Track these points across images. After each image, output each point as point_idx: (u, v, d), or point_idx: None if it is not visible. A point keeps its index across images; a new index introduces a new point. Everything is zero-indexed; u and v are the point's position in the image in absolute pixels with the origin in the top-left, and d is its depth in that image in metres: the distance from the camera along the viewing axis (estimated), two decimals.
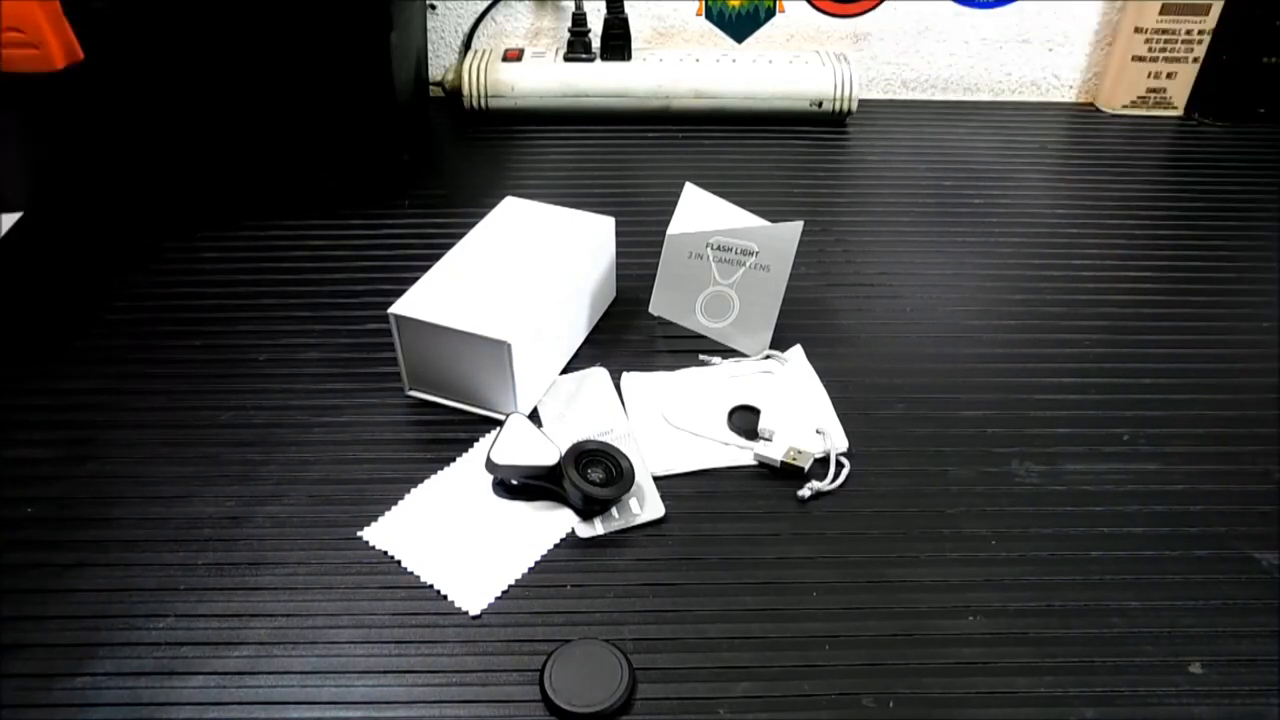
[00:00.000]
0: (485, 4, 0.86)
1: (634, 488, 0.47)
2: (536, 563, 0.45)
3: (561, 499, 0.48)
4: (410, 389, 0.54)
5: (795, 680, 0.40)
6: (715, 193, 0.59)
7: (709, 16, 0.85)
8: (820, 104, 0.82)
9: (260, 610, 0.43)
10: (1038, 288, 0.64)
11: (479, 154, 0.79)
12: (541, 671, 0.40)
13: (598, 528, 0.47)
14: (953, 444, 0.52)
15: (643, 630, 0.42)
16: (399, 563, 0.45)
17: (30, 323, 0.60)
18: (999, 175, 0.77)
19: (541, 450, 0.47)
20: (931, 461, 0.51)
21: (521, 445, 0.47)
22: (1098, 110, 0.89)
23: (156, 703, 0.39)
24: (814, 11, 0.86)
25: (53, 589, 0.43)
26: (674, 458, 0.50)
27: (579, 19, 0.81)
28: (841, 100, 0.82)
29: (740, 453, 0.51)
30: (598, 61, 0.82)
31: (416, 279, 0.53)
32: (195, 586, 0.44)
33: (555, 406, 0.54)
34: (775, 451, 0.50)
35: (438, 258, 0.55)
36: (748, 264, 0.55)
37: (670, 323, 0.58)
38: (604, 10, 0.81)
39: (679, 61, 0.82)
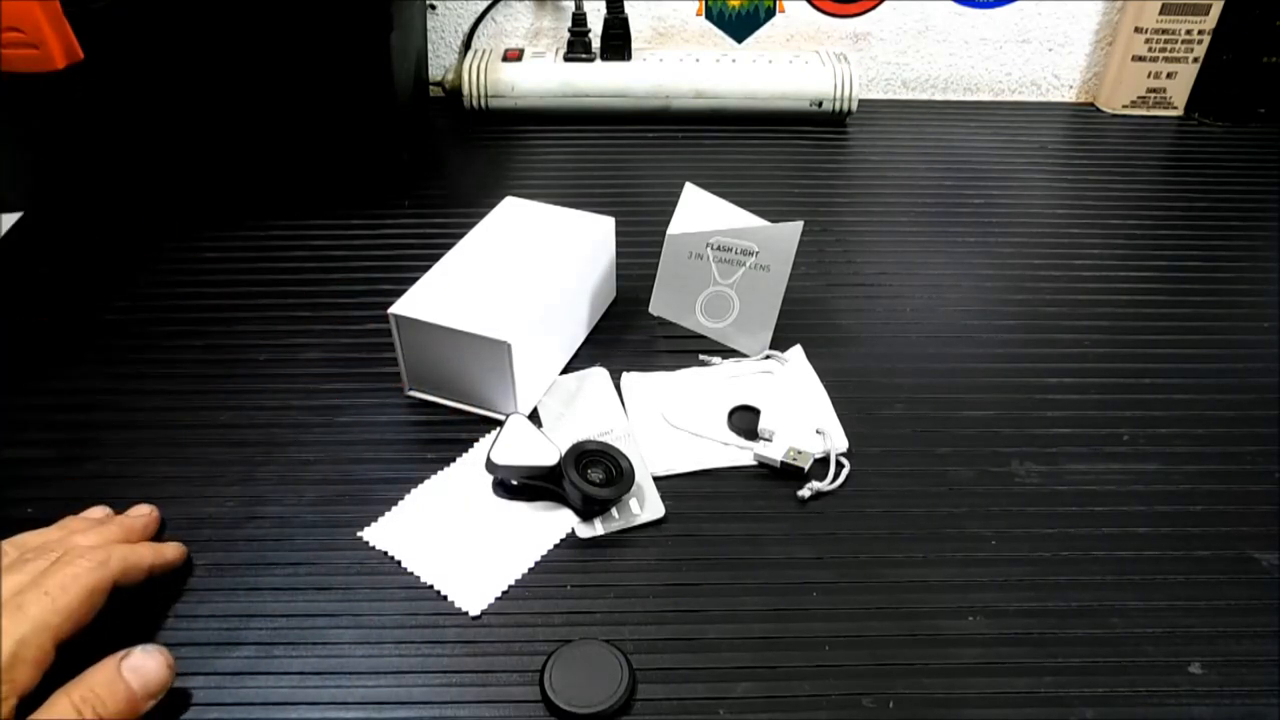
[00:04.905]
0: (485, 4, 0.86)
1: (634, 488, 0.48)
2: (536, 563, 0.45)
3: (561, 499, 0.48)
4: (410, 389, 0.54)
5: (795, 681, 0.40)
6: (715, 193, 0.59)
7: (709, 16, 0.85)
8: (820, 104, 0.82)
9: (260, 610, 0.43)
10: (1038, 288, 0.64)
11: (479, 154, 0.79)
12: (541, 672, 0.40)
13: (598, 528, 0.47)
14: (953, 444, 0.52)
15: (643, 631, 0.42)
16: (399, 563, 0.45)
17: (30, 322, 0.60)
18: (999, 175, 0.77)
19: (541, 450, 0.47)
20: (931, 461, 0.51)
21: (521, 445, 0.47)
22: (1098, 110, 0.89)
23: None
24: (814, 11, 0.86)
25: None
26: (674, 458, 0.50)
27: (579, 19, 0.81)
28: (841, 100, 0.82)
29: (740, 453, 0.51)
30: (598, 61, 0.82)
31: (416, 279, 0.53)
32: (195, 587, 0.44)
33: (555, 406, 0.54)
34: (775, 451, 0.50)
35: (438, 258, 0.55)
36: (748, 264, 0.55)
37: (670, 323, 0.58)
38: (604, 10, 0.81)
39: (679, 61, 0.82)
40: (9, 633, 0.35)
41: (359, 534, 0.46)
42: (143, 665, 0.37)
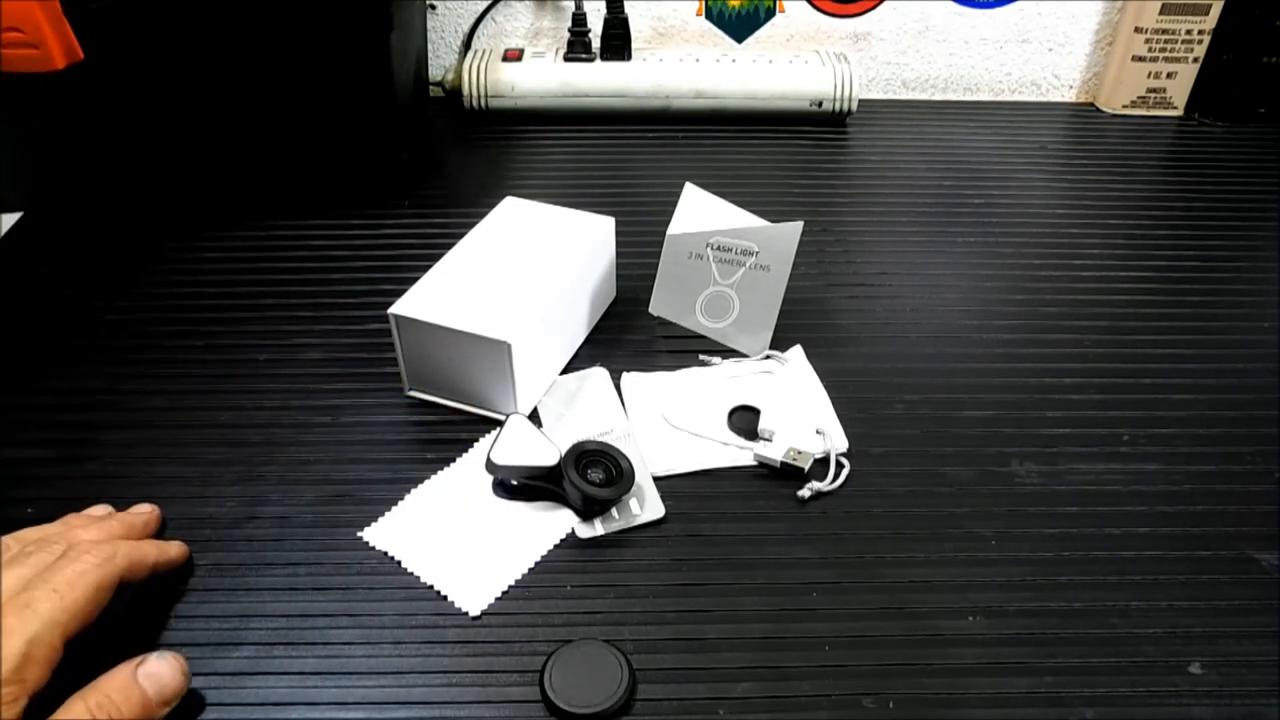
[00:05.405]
0: (485, 4, 0.86)
1: (634, 488, 0.48)
2: (536, 563, 0.45)
3: (561, 499, 0.48)
4: (410, 389, 0.54)
5: (795, 681, 0.40)
6: (715, 193, 0.59)
7: (709, 16, 0.85)
8: (820, 104, 0.82)
9: (260, 611, 0.43)
10: (1038, 288, 0.64)
11: (479, 154, 0.79)
12: (541, 672, 0.40)
13: (598, 528, 0.47)
14: (953, 444, 0.52)
15: (642, 631, 0.42)
16: (399, 563, 0.45)
17: (30, 322, 0.60)
18: (999, 175, 0.77)
19: (541, 451, 0.47)
20: (931, 461, 0.51)
21: (521, 445, 0.47)
22: (1098, 110, 0.89)
23: None
24: (814, 11, 0.86)
25: None
26: (674, 458, 0.50)
27: (579, 19, 0.81)
28: (841, 100, 0.82)
29: (740, 453, 0.51)
30: (598, 61, 0.82)
31: (417, 279, 0.53)
32: (195, 587, 0.44)
33: (555, 406, 0.54)
34: (775, 452, 0.50)
35: (438, 258, 0.55)
36: (748, 264, 0.55)
37: (670, 323, 0.58)
38: (604, 10, 0.81)
39: (679, 61, 0.82)
40: (20, 632, 0.35)
41: (359, 534, 0.46)
42: (158, 671, 0.37)
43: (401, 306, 0.51)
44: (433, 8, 0.86)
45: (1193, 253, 0.68)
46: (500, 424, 0.48)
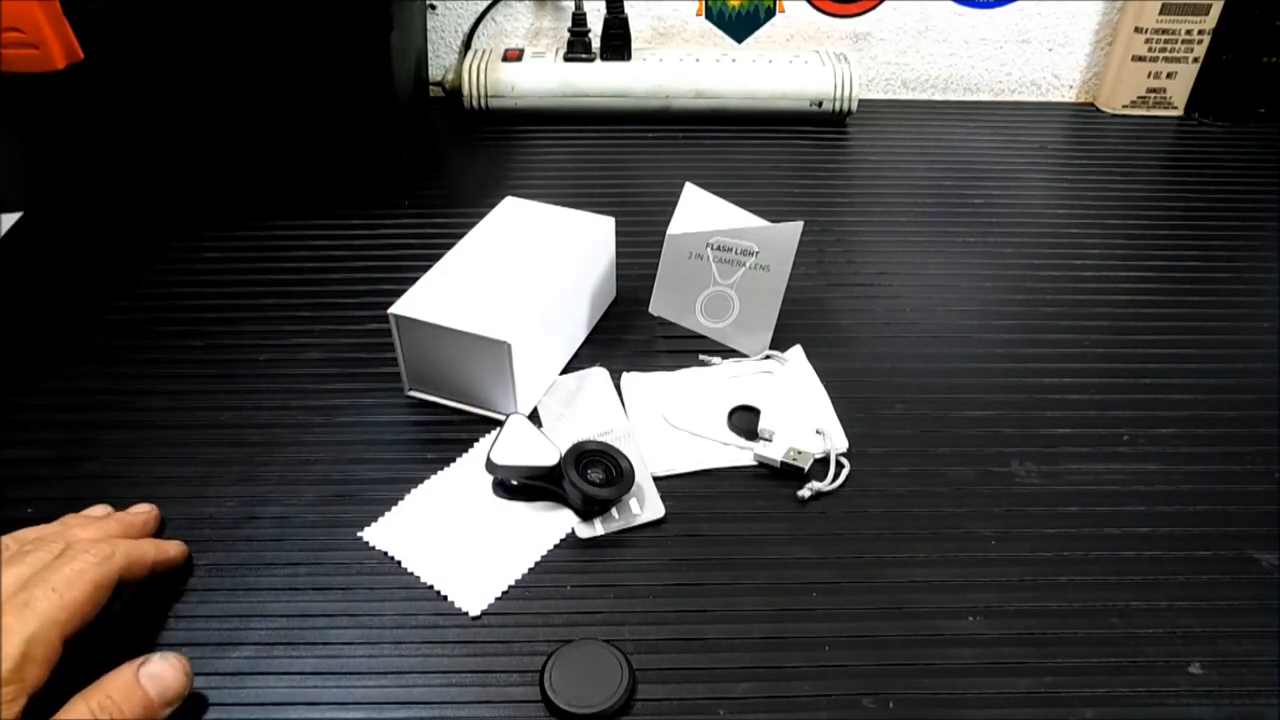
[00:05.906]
0: (485, 4, 0.86)
1: (634, 488, 0.48)
2: (536, 563, 0.45)
3: (561, 499, 0.48)
4: (410, 389, 0.54)
5: (795, 681, 0.40)
6: (715, 193, 0.59)
7: (709, 16, 0.85)
8: (820, 104, 0.82)
9: (260, 611, 0.43)
10: (1038, 288, 0.64)
11: (479, 154, 0.79)
12: (541, 672, 0.40)
13: (598, 528, 0.47)
14: (953, 444, 0.52)
15: (642, 631, 0.42)
16: (399, 563, 0.45)
17: (30, 322, 0.60)
18: (999, 175, 0.77)
19: (541, 451, 0.47)
20: (931, 461, 0.51)
21: (521, 445, 0.47)
22: (1098, 110, 0.89)
23: None
24: (814, 11, 0.86)
25: None
26: (674, 458, 0.50)
27: (579, 19, 0.81)
28: (841, 100, 0.82)
29: (740, 453, 0.51)
30: (598, 61, 0.82)
31: (416, 279, 0.53)
32: (195, 587, 0.44)
33: (555, 406, 0.54)
34: (775, 452, 0.50)
35: (438, 258, 0.55)
36: (748, 264, 0.55)
37: (670, 323, 0.58)
38: (604, 10, 0.81)
39: (679, 61, 0.82)
40: (19, 631, 0.35)
41: (359, 534, 0.46)
42: (160, 673, 0.37)
43: (401, 306, 0.51)
44: (433, 8, 0.86)
45: (1193, 253, 0.68)
46: (500, 424, 0.48)
